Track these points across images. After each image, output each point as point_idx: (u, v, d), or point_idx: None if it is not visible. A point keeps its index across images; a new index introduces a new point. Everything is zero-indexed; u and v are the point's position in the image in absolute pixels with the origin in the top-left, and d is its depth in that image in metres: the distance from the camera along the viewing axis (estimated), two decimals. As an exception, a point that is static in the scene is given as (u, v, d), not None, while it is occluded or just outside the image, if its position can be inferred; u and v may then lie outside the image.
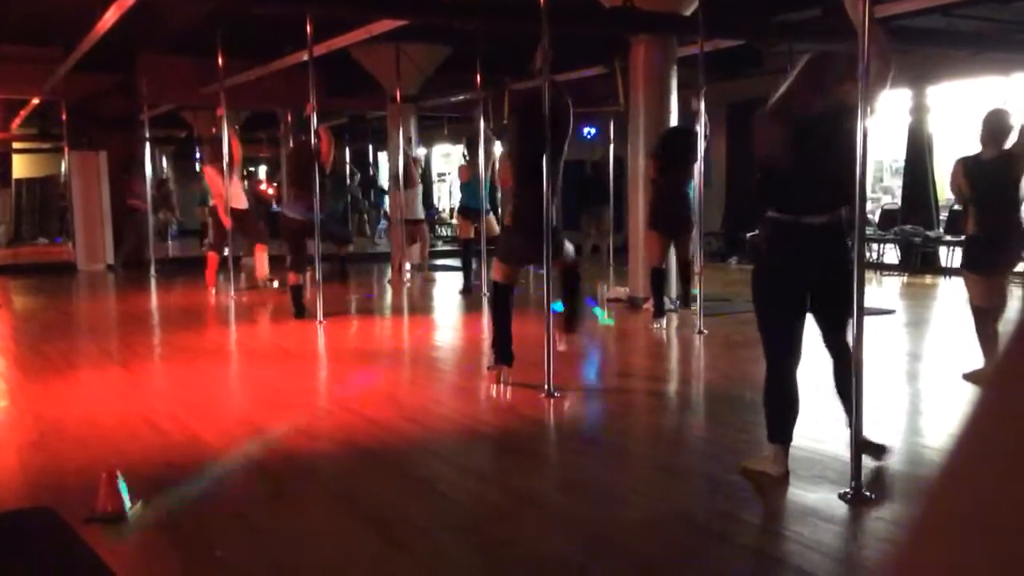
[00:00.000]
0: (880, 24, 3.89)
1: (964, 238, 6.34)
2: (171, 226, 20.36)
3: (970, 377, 5.76)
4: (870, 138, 3.63)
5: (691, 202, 8.42)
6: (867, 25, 3.58)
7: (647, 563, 3.28)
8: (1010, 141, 5.70)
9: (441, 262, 15.65)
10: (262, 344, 8.17)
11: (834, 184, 3.84)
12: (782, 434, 3.98)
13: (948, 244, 12.66)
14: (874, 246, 13.03)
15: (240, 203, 11.38)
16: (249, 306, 10.56)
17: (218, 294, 11.30)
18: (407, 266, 12.75)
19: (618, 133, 13.08)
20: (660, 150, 8.58)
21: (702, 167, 8.21)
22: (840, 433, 4.14)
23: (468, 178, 11.57)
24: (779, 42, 12.24)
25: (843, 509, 3.67)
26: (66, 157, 16.54)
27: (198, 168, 22.51)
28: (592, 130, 15.87)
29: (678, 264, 8.98)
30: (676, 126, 9.26)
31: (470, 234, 11.37)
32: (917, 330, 8.64)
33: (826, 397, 5.04)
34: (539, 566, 3.25)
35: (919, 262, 12.88)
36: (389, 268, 13.05)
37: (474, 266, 11.40)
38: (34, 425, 5.23)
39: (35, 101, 15.77)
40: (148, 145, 14.66)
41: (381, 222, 21.46)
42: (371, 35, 10.73)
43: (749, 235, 9.90)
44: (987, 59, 11.58)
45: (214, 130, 11.49)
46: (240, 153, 11.34)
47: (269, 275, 11.63)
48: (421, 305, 10.95)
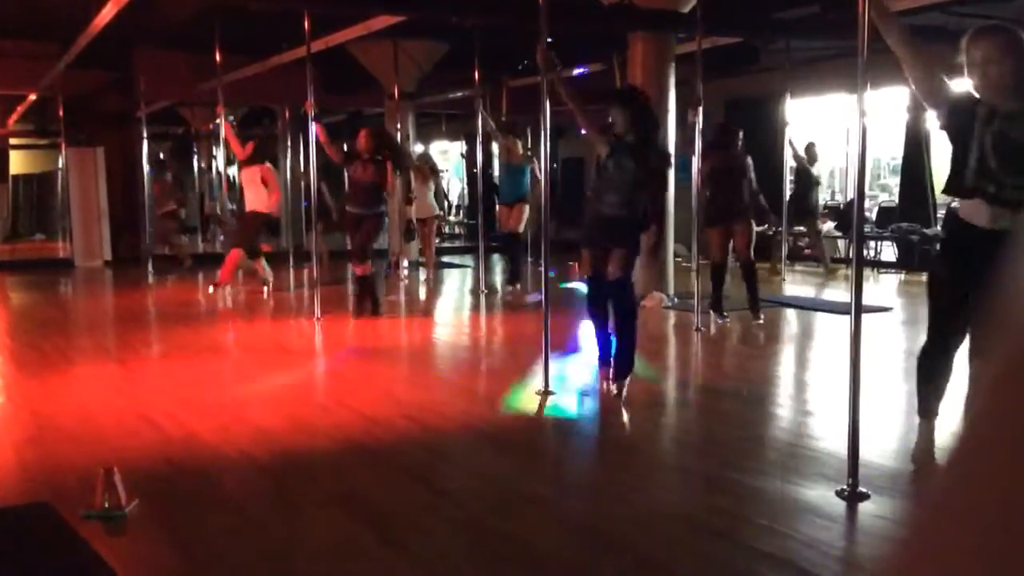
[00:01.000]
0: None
1: None
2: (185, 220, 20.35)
3: None
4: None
5: (744, 195, 8.27)
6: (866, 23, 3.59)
7: (646, 560, 3.28)
8: None
9: (447, 259, 15.54)
10: (260, 341, 8.16)
11: None
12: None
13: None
14: (871, 244, 13.04)
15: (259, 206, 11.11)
16: (247, 303, 10.55)
17: (215, 291, 11.28)
18: (404, 263, 12.75)
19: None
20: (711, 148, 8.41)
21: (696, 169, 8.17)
22: (838, 430, 4.14)
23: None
24: (777, 39, 12.26)
25: (840, 506, 3.67)
26: (63, 153, 16.51)
27: (196, 164, 22.52)
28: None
29: (741, 264, 8.38)
30: (721, 122, 9.25)
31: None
32: (914, 328, 8.63)
33: (824, 394, 5.05)
34: (538, 563, 3.25)
35: (917, 260, 12.89)
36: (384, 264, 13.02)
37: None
38: (31, 421, 5.22)
39: (32, 97, 15.73)
40: (145, 142, 14.63)
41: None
42: (369, 31, 10.72)
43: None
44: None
45: (210, 126, 11.44)
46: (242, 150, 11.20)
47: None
48: (423, 303, 10.94)
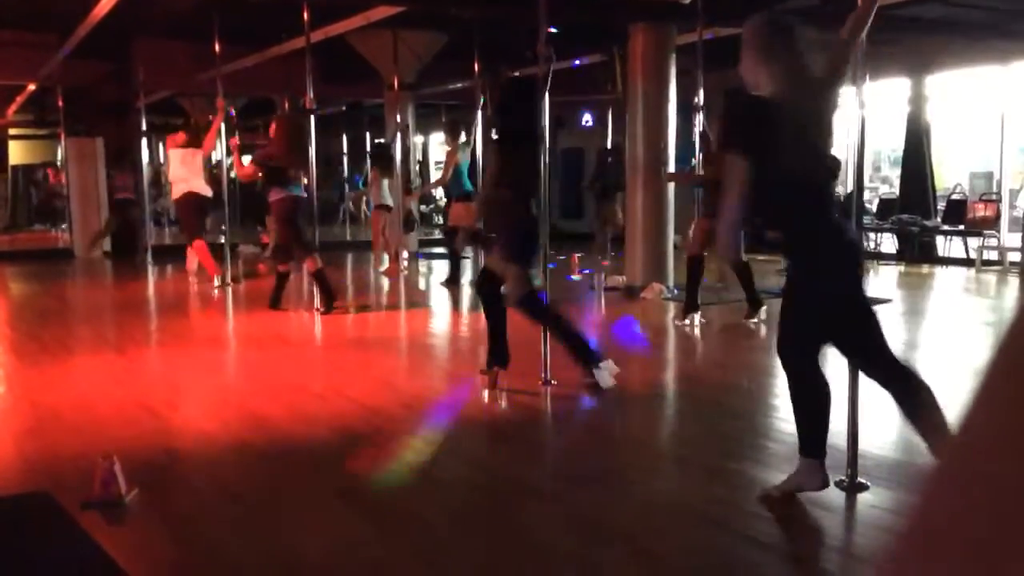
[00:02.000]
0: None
1: None
2: (165, 215, 20.60)
3: None
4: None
5: None
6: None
7: (645, 550, 3.28)
8: None
9: (439, 250, 15.56)
10: (258, 331, 8.16)
11: None
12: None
13: (945, 233, 12.66)
14: (871, 235, 13.04)
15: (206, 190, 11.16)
16: (245, 293, 10.55)
17: (212, 282, 11.27)
18: (404, 254, 12.74)
19: (616, 121, 13.05)
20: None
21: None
22: (837, 422, 4.14)
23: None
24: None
25: (840, 497, 3.68)
26: (62, 144, 16.49)
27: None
28: (590, 117, 15.85)
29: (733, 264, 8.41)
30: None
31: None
32: (914, 319, 8.65)
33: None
34: (536, 553, 3.26)
35: (917, 251, 12.89)
36: (385, 257, 12.99)
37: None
38: (31, 411, 5.22)
39: (31, 87, 15.70)
40: (144, 132, 14.60)
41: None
42: (368, 22, 10.70)
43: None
44: (985, 48, 11.56)
45: (210, 117, 11.41)
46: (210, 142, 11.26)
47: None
48: (420, 294, 10.94)
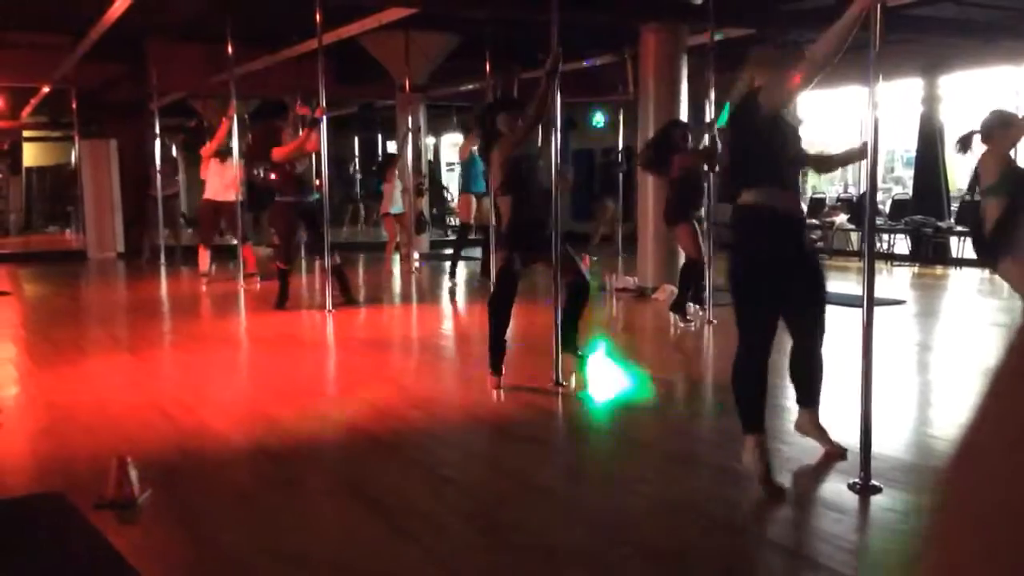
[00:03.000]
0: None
1: None
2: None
3: None
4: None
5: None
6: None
7: (655, 551, 3.27)
8: None
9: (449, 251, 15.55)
10: (270, 332, 8.18)
11: None
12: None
13: (959, 235, 12.59)
14: (884, 236, 12.98)
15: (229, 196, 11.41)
16: (257, 295, 10.57)
17: (223, 282, 11.32)
18: (415, 255, 12.76)
19: (628, 122, 13.03)
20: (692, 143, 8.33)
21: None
22: (850, 424, 4.12)
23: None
24: (789, 30, 12.19)
25: (853, 499, 3.66)
26: (76, 145, 16.57)
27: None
28: (601, 119, 15.83)
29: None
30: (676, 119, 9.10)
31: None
32: (927, 321, 8.61)
33: (837, 387, 5.03)
34: (546, 553, 3.26)
35: (930, 253, 12.83)
36: (397, 258, 13.02)
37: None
38: (45, 412, 5.25)
39: (45, 89, 15.78)
40: (158, 134, 14.66)
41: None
42: (381, 23, 10.71)
43: None
44: (999, 48, 11.50)
45: (224, 120, 11.47)
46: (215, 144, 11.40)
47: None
48: (431, 295, 10.96)
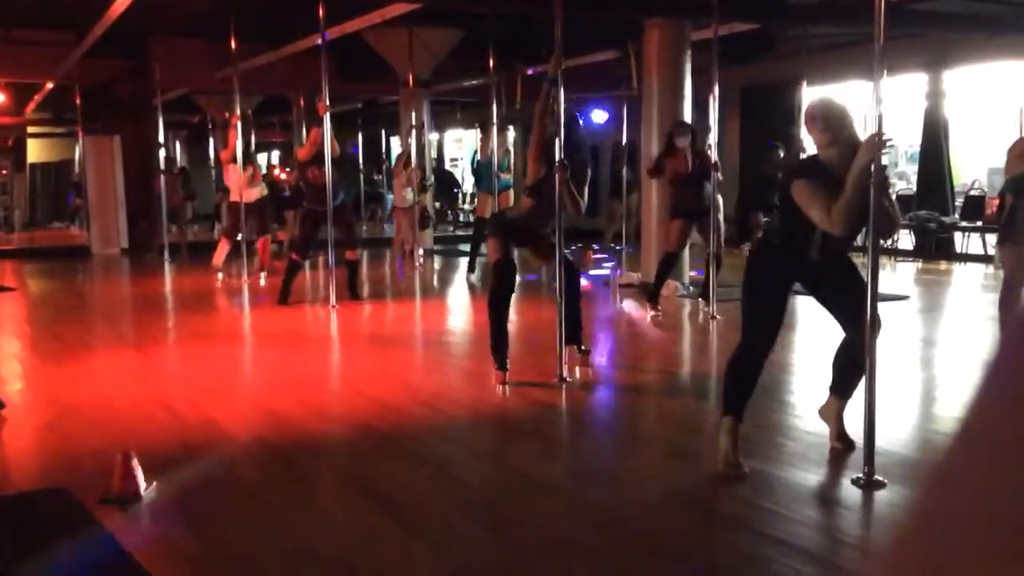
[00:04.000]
0: None
1: None
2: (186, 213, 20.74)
3: None
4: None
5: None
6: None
7: (659, 547, 3.28)
8: None
9: (464, 247, 15.57)
10: (275, 327, 8.19)
11: None
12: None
13: (963, 230, 12.57)
14: (888, 232, 12.95)
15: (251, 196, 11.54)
16: (262, 290, 10.58)
17: (230, 278, 11.35)
18: (419, 251, 12.77)
19: (631, 118, 13.03)
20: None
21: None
22: (854, 419, 4.12)
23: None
24: (793, 25, 12.17)
25: (856, 495, 3.66)
26: (80, 142, 16.59)
27: (211, 154, 22.59)
28: (605, 115, 15.81)
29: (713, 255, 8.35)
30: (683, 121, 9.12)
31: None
32: (931, 316, 8.60)
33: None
34: (552, 549, 3.26)
35: (934, 248, 12.81)
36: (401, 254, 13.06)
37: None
38: (49, 407, 5.26)
39: (49, 86, 15.81)
40: (161, 129, 14.69)
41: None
42: (384, 19, 10.71)
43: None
44: (1003, 43, 11.47)
45: (227, 115, 11.52)
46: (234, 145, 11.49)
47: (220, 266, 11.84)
48: (434, 290, 10.96)
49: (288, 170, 17.43)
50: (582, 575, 3.08)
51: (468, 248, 12.70)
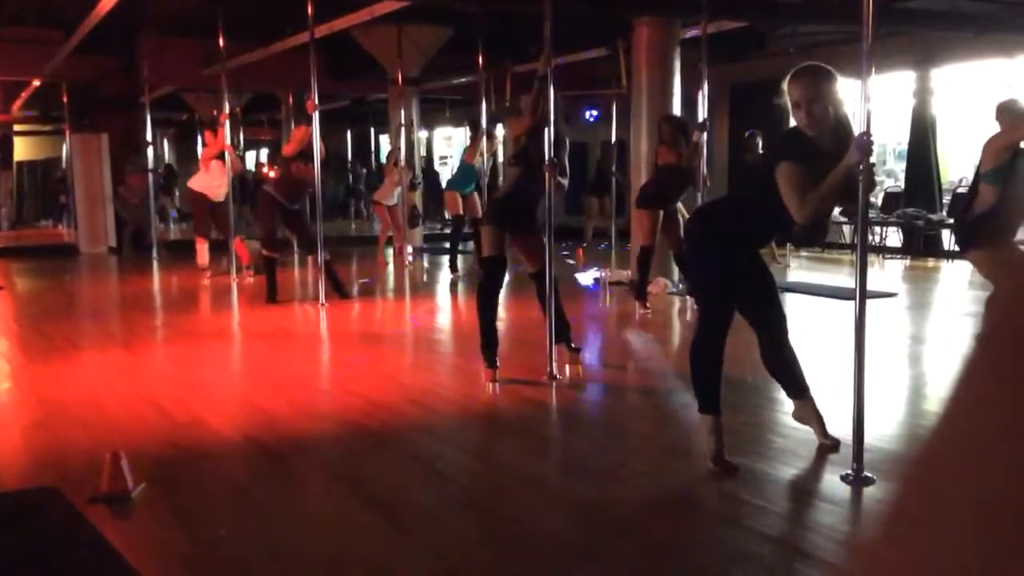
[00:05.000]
0: None
1: None
2: (170, 211, 20.81)
3: None
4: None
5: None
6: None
7: (650, 543, 3.29)
8: None
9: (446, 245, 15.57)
10: (263, 326, 8.17)
11: None
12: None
13: (951, 227, 12.62)
14: (877, 229, 13.01)
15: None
16: (249, 288, 10.56)
17: (217, 276, 11.31)
18: (409, 249, 12.75)
19: (620, 116, 13.03)
20: (679, 136, 8.37)
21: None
22: (843, 416, 4.14)
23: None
24: (783, 23, 12.20)
25: (845, 491, 3.68)
26: (67, 139, 16.51)
27: (199, 152, 22.55)
28: (594, 112, 15.83)
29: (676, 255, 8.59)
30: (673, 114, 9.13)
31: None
32: (919, 313, 8.64)
33: (830, 379, 5.05)
34: (543, 546, 3.27)
35: (922, 245, 12.86)
36: (390, 250, 13.04)
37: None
38: (38, 406, 5.24)
39: (36, 83, 15.71)
40: (149, 127, 14.63)
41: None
42: (373, 16, 10.69)
43: None
44: (991, 41, 11.52)
45: (215, 112, 11.48)
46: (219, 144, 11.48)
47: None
48: (424, 288, 10.95)
49: (276, 167, 17.45)
50: (571, 571, 3.09)
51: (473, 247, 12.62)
